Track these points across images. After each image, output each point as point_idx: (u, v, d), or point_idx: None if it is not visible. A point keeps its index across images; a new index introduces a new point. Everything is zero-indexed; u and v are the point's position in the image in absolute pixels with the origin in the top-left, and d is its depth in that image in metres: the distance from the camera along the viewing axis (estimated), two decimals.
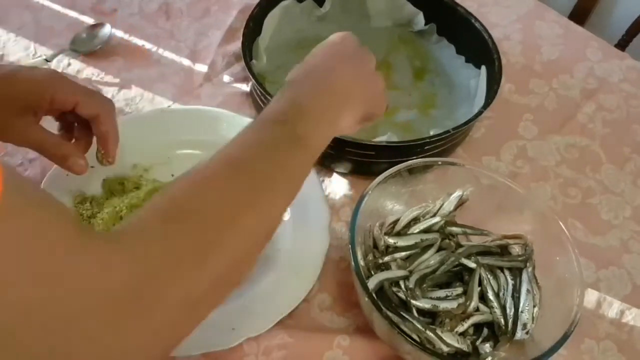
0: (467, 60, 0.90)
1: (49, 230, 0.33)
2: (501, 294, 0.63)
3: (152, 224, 0.40)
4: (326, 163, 0.78)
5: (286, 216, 0.72)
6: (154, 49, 0.91)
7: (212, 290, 0.42)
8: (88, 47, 0.88)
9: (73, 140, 0.64)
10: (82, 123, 0.64)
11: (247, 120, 0.73)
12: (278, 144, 0.49)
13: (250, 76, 0.76)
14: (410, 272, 0.63)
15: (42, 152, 0.62)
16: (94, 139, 0.64)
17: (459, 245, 0.67)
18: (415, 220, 0.67)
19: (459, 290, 0.63)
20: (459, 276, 0.65)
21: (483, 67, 0.84)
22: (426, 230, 0.66)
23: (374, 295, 0.58)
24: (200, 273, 0.40)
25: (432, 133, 0.74)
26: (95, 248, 0.35)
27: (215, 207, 0.43)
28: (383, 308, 0.58)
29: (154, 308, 0.37)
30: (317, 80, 0.55)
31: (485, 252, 0.66)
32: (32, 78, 0.60)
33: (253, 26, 0.84)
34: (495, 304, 0.62)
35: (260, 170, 0.47)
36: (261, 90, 0.74)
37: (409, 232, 0.66)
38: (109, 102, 0.64)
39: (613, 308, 0.71)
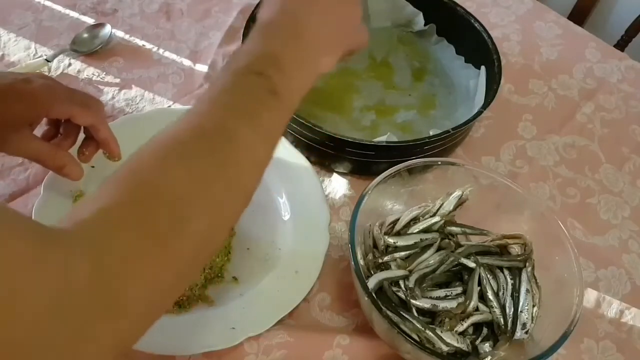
0: (466, 61, 0.90)
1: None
2: (500, 294, 0.64)
3: (111, 212, 0.37)
4: (326, 163, 0.78)
5: (286, 216, 0.72)
6: (155, 49, 0.91)
7: (177, 279, 0.40)
8: (88, 47, 0.88)
9: (60, 135, 0.65)
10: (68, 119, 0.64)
11: None
12: (252, 101, 0.45)
13: None
14: (410, 271, 0.63)
15: (38, 161, 0.63)
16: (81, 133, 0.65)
17: (458, 245, 0.67)
18: (415, 220, 0.67)
19: (459, 289, 0.63)
20: (458, 276, 0.66)
21: (482, 68, 0.84)
22: (426, 230, 0.66)
23: (373, 294, 0.58)
24: (163, 265, 0.38)
25: (431, 133, 0.74)
26: (52, 255, 0.33)
27: (182, 183, 0.40)
28: (383, 308, 0.58)
29: (117, 310, 0.35)
30: (294, 25, 0.50)
31: (485, 251, 0.66)
32: (27, 92, 0.59)
33: (253, 26, 0.84)
34: (494, 304, 0.62)
35: (232, 132, 0.43)
36: None
37: (408, 232, 0.66)
38: (100, 108, 0.64)
39: (612, 308, 0.71)
